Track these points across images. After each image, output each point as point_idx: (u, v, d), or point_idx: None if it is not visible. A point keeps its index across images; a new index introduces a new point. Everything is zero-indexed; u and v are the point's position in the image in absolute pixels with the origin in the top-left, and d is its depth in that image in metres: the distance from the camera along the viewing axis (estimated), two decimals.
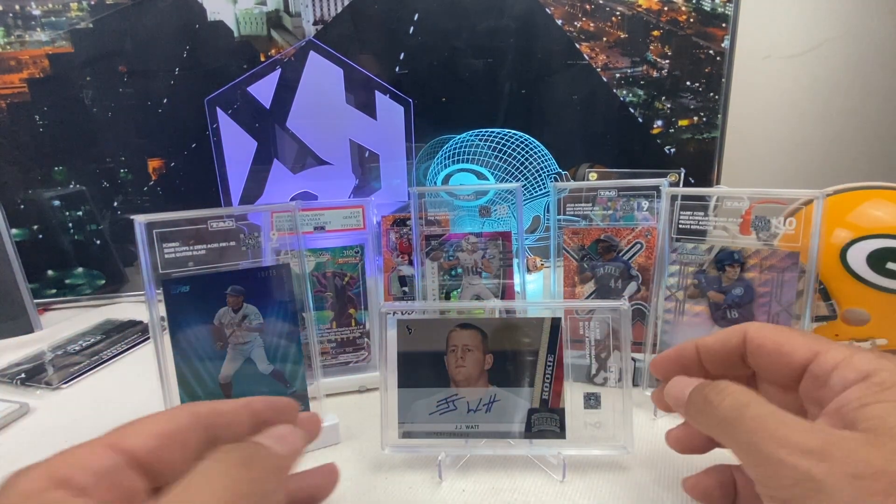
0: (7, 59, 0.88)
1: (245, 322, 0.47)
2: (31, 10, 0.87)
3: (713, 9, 0.95)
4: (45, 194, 0.92)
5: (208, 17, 0.90)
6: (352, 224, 0.63)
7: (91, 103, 0.91)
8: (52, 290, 0.95)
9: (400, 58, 0.94)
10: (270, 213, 0.54)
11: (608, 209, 0.63)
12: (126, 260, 0.97)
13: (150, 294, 0.44)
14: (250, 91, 0.93)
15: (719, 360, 0.32)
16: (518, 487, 0.44)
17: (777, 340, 0.29)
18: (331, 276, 0.61)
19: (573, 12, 0.95)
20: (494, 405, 0.45)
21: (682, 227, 0.55)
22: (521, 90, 0.98)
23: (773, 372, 0.30)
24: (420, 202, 0.66)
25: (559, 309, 0.46)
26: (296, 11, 0.91)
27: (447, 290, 0.66)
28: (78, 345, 0.75)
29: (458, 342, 0.45)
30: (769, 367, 0.30)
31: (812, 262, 0.50)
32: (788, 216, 0.52)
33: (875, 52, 1.19)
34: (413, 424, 0.46)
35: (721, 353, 0.32)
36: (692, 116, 1.00)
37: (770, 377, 0.31)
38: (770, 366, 0.30)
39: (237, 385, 0.47)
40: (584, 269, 0.62)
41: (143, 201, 0.95)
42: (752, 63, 1.17)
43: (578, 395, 0.47)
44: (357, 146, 0.97)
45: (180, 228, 0.46)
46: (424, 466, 0.46)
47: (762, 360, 0.30)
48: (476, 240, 0.65)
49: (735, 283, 0.52)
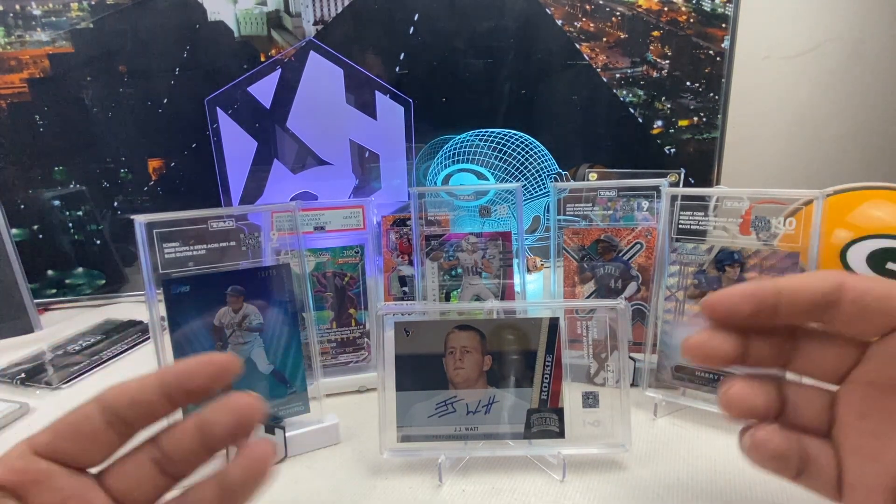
0: (7, 59, 0.88)
1: (245, 322, 0.47)
2: (32, 10, 0.87)
3: (713, 9, 0.95)
4: (45, 194, 0.92)
5: (208, 17, 0.90)
6: (352, 224, 0.63)
7: (91, 103, 0.91)
8: (52, 290, 0.95)
9: (400, 58, 0.94)
10: (270, 213, 0.54)
11: (608, 209, 0.63)
12: (126, 260, 0.97)
13: (150, 294, 0.45)
14: (250, 91, 0.93)
15: (801, 306, 0.26)
16: (518, 488, 0.44)
17: (882, 291, 0.25)
18: (331, 276, 0.61)
19: (573, 12, 0.95)
20: (493, 406, 0.45)
21: (682, 227, 0.55)
22: (521, 90, 0.98)
23: (863, 328, 0.26)
24: (420, 202, 0.66)
25: (558, 309, 0.46)
26: (296, 11, 0.91)
27: (447, 290, 0.66)
28: (78, 345, 0.75)
29: (457, 344, 0.45)
30: (860, 322, 0.26)
31: (812, 262, 0.50)
32: (788, 216, 0.52)
33: (875, 52, 1.19)
34: (411, 428, 0.46)
35: (807, 298, 0.26)
36: (692, 117, 1.00)
37: (855, 331, 0.26)
38: (862, 320, 0.25)
39: (237, 385, 0.47)
40: (584, 269, 0.62)
41: (143, 201, 0.95)
42: (752, 63, 1.17)
43: (577, 395, 0.47)
44: (357, 146, 0.97)
45: (180, 228, 0.46)
46: (424, 467, 0.46)
47: (858, 312, 0.25)
48: (476, 240, 0.65)
49: (735, 284, 0.52)
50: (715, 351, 0.27)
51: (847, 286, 0.25)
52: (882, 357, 0.25)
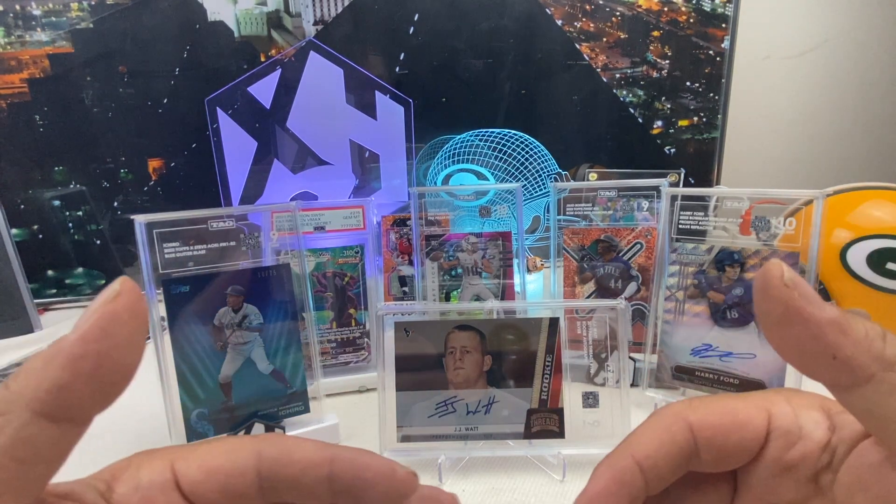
0: (7, 59, 0.88)
1: (245, 322, 0.47)
2: (32, 10, 0.87)
3: (713, 9, 0.95)
4: (45, 194, 0.92)
5: (208, 17, 0.90)
6: (352, 224, 0.63)
7: (91, 103, 0.91)
8: (52, 290, 0.95)
9: (400, 58, 0.94)
10: (270, 213, 0.54)
11: (608, 209, 0.63)
12: (126, 260, 0.97)
13: (150, 294, 0.45)
14: (250, 91, 0.93)
15: (666, 475, 0.21)
16: (518, 488, 0.44)
17: (729, 425, 0.21)
18: (331, 276, 0.61)
19: (573, 13, 0.95)
20: (493, 406, 0.45)
21: (682, 227, 0.55)
22: (521, 90, 0.98)
23: (726, 465, 0.22)
24: (420, 202, 0.66)
25: (558, 309, 0.46)
26: (296, 12, 0.91)
27: (447, 290, 0.66)
28: None
29: (457, 344, 0.45)
30: (724, 463, 0.21)
31: (812, 262, 0.50)
32: (788, 216, 0.52)
33: (875, 52, 1.19)
34: (412, 428, 0.46)
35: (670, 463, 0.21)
36: (692, 117, 1.00)
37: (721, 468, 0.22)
38: (725, 461, 0.21)
39: (237, 385, 0.47)
40: (584, 269, 0.62)
41: (143, 201, 0.95)
42: (752, 63, 1.17)
43: (577, 395, 0.47)
44: (357, 146, 0.97)
45: (180, 228, 0.46)
46: (424, 467, 0.46)
47: (717, 457, 0.21)
48: (476, 240, 0.65)
49: (735, 284, 0.52)
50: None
51: (697, 433, 0.21)
52: (754, 486, 0.22)
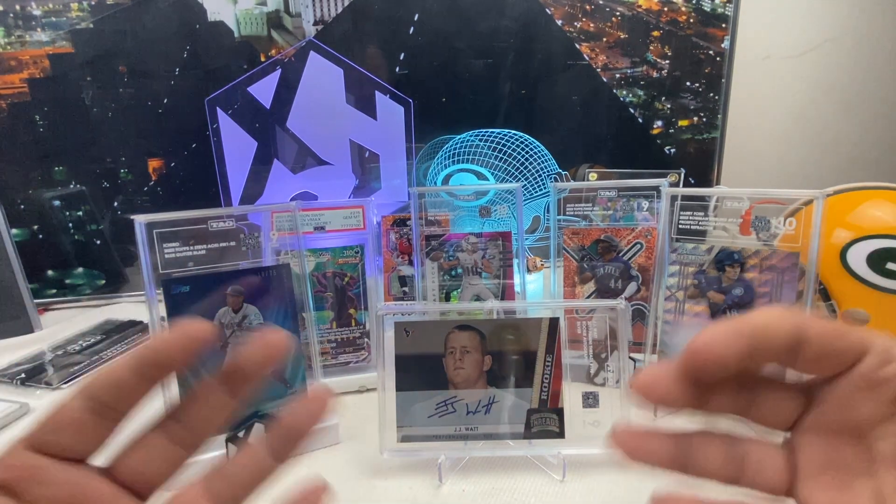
0: (7, 59, 0.88)
1: (245, 322, 0.47)
2: (32, 10, 0.87)
3: (713, 9, 0.95)
4: (45, 194, 0.92)
5: (208, 17, 0.90)
6: (352, 224, 0.63)
7: (91, 103, 0.91)
8: (52, 290, 0.95)
9: (400, 58, 0.94)
10: (270, 213, 0.54)
11: (608, 209, 0.63)
12: (126, 260, 0.97)
13: (150, 294, 0.45)
14: (250, 91, 0.93)
15: (773, 349, 0.23)
16: (518, 488, 0.44)
17: (839, 330, 0.23)
18: (331, 276, 0.61)
19: (573, 13, 0.95)
20: (493, 406, 0.45)
21: (682, 227, 0.55)
22: (522, 90, 0.98)
23: (821, 369, 0.24)
24: (420, 202, 0.66)
25: (558, 309, 0.46)
26: (296, 12, 0.91)
27: (447, 290, 0.66)
28: (78, 345, 0.75)
29: (457, 344, 0.45)
30: (820, 364, 0.23)
31: (812, 262, 0.50)
32: (788, 216, 0.52)
33: (875, 52, 1.19)
34: (412, 428, 0.46)
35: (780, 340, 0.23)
36: (692, 117, 1.00)
37: (814, 372, 0.24)
38: (822, 361, 0.23)
39: None
40: (584, 269, 0.62)
41: (143, 201, 0.95)
42: (752, 63, 1.17)
43: (577, 395, 0.47)
44: (357, 146, 0.97)
45: (180, 228, 0.46)
46: (424, 467, 0.46)
47: (821, 353, 0.23)
48: (476, 240, 0.65)
49: (735, 284, 0.52)
50: (667, 396, 0.23)
51: (809, 325, 0.23)
52: (833, 401, 0.24)
